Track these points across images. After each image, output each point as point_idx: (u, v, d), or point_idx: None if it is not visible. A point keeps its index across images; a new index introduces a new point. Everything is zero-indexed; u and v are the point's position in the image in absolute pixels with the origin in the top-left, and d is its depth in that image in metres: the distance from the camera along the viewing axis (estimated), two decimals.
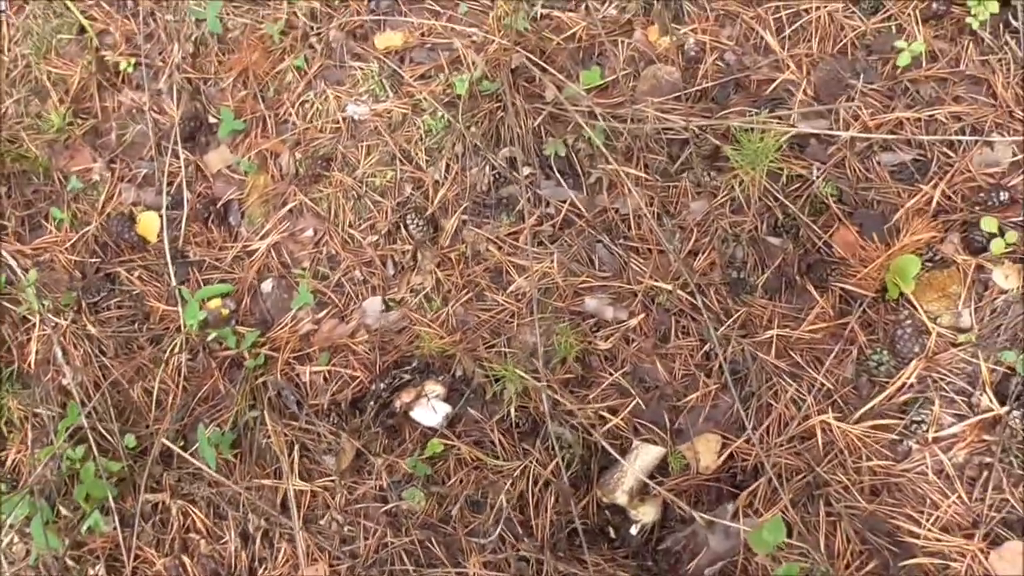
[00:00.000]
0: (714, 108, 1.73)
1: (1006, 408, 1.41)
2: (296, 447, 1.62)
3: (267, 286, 1.79)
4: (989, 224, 1.53)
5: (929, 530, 1.38)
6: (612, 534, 1.51)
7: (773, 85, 1.74)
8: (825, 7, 1.78)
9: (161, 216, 1.86)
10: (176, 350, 1.74)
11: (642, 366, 1.60)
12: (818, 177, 1.64)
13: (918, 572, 1.35)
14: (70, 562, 1.61)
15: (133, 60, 1.99)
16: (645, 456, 1.51)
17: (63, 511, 1.62)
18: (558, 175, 1.73)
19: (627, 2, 1.86)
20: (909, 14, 1.74)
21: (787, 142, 1.65)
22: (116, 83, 2.00)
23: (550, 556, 1.47)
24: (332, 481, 1.58)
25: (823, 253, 1.61)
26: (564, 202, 1.72)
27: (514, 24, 1.83)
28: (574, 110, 1.71)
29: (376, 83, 1.87)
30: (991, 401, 1.43)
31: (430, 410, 1.59)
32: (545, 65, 1.77)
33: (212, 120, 1.94)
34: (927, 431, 1.44)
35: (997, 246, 1.52)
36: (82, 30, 2.03)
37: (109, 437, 1.64)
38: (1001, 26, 1.70)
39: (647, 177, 1.70)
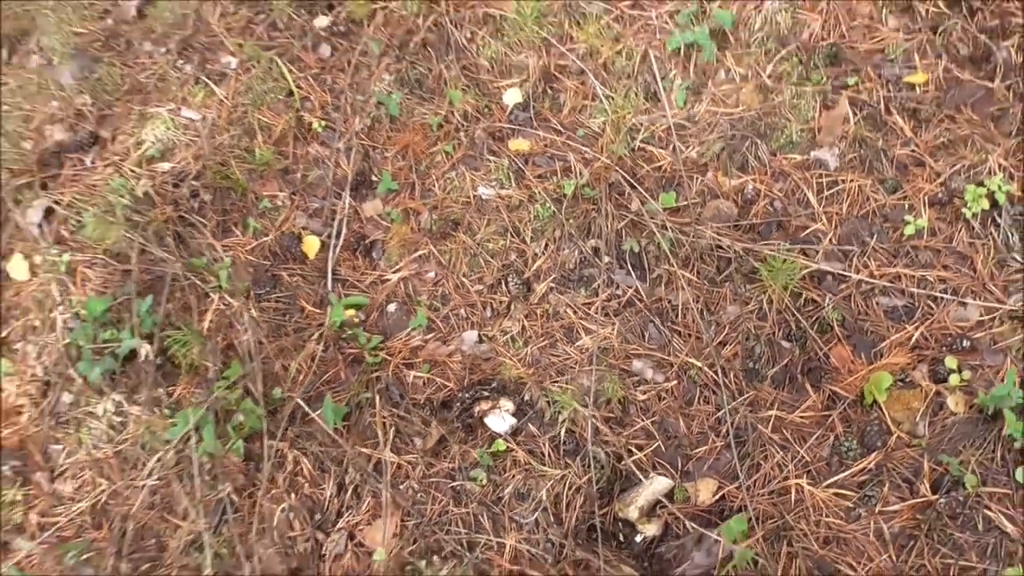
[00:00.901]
0: (757, 239, 2.25)
1: (936, 496, 1.84)
2: (393, 428, 2.11)
3: (392, 308, 2.32)
4: (951, 362, 2.00)
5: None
6: (621, 539, 1.94)
7: (807, 231, 2.26)
8: (857, 181, 2.32)
9: (323, 241, 2.43)
10: (314, 341, 2.26)
11: (668, 419, 2.07)
12: (828, 304, 2.13)
13: None
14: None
15: (324, 123, 2.61)
16: (657, 485, 1.96)
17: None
18: (629, 267, 2.25)
19: (705, 150, 2.42)
20: (919, 198, 2.26)
21: (809, 273, 2.16)
22: (308, 137, 2.61)
23: (572, 542, 1.91)
24: (416, 457, 2.06)
25: (821, 361, 2.08)
26: (630, 288, 2.23)
27: (617, 150, 2.40)
28: (651, 220, 2.25)
29: (504, 174, 2.45)
30: (927, 490, 1.86)
31: (500, 419, 2.07)
32: (635, 184, 2.33)
33: (374, 179, 2.53)
34: (875, 505, 1.87)
35: (954, 379, 1.98)
36: (290, 93, 2.66)
37: (254, 391, 2.15)
38: (989, 220, 2.21)
39: (697, 280, 2.21)
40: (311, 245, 2.43)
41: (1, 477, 2.15)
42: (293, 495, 2.07)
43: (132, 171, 2.54)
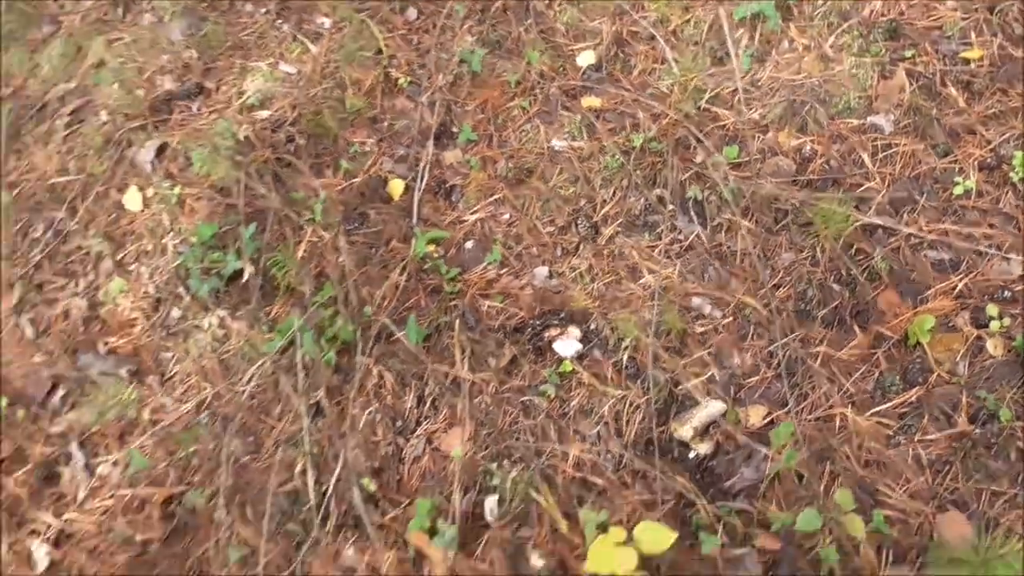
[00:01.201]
0: (813, 193, 2.41)
1: (972, 428, 1.99)
2: (468, 349, 2.31)
3: (469, 245, 2.52)
4: (992, 310, 2.14)
5: (899, 495, 1.95)
6: (675, 454, 2.12)
7: (860, 188, 2.41)
8: (910, 146, 2.46)
9: (407, 184, 2.64)
10: (398, 272, 2.47)
11: (723, 351, 2.24)
12: (877, 255, 2.28)
13: (885, 520, 1.91)
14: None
15: (409, 79, 2.82)
16: (711, 408, 2.14)
17: None
18: (691, 214, 2.43)
19: (767, 112, 2.59)
20: (969, 162, 2.40)
21: (860, 226, 2.31)
22: (394, 91, 2.83)
23: (631, 454, 2.10)
24: (489, 375, 2.26)
25: (869, 305, 2.24)
26: (692, 233, 2.41)
27: (684, 108, 2.58)
28: (714, 172, 2.42)
29: (576, 128, 2.64)
30: (964, 422, 2.01)
31: (567, 344, 2.26)
32: (701, 138, 2.50)
33: (454, 130, 2.74)
34: (914, 434, 2.03)
35: (995, 325, 2.12)
36: (379, 51, 2.88)
37: (345, 310, 2.37)
38: None
39: (755, 229, 2.38)
40: (396, 188, 2.64)
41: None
42: (377, 404, 2.28)
43: (234, 117, 2.78)
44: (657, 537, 1.74)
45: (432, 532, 2.06)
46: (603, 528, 1.87)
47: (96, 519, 2.18)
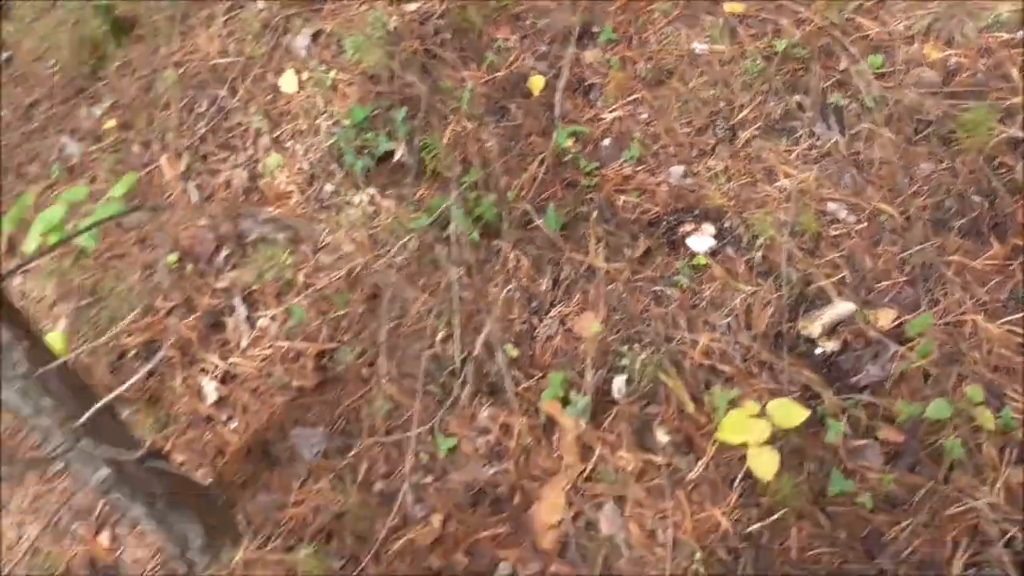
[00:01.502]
0: (957, 105, 2.40)
1: None
2: (603, 240, 2.41)
3: (606, 142, 2.61)
4: None
5: (1021, 399, 2.00)
6: (802, 350, 2.20)
7: (1007, 103, 2.40)
8: None
9: (547, 81, 2.72)
10: (536, 164, 2.58)
11: (856, 255, 2.29)
12: (1020, 169, 2.28)
13: (1013, 419, 1.97)
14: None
15: None
16: (841, 308, 2.20)
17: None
18: (832, 121, 2.46)
19: (913, 23, 2.57)
20: None
21: (1004, 140, 2.31)
22: None
23: (759, 345, 2.19)
24: (623, 265, 2.36)
25: (1008, 217, 2.25)
26: (830, 140, 2.44)
27: (829, 16, 2.58)
28: (857, 80, 2.44)
29: (717, 32, 2.67)
30: None
31: (701, 240, 2.35)
32: (846, 46, 2.51)
33: (595, 30, 2.80)
34: None
35: None
36: None
37: (487, 195, 2.49)
38: None
39: (895, 138, 2.39)
40: (536, 83, 2.73)
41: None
42: (514, 285, 2.42)
43: (384, 9, 2.89)
44: (790, 413, 1.83)
45: (565, 402, 2.20)
46: (733, 405, 1.98)
47: (257, 365, 2.40)
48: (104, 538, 2.20)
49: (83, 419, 1.63)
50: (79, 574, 2.15)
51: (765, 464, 1.79)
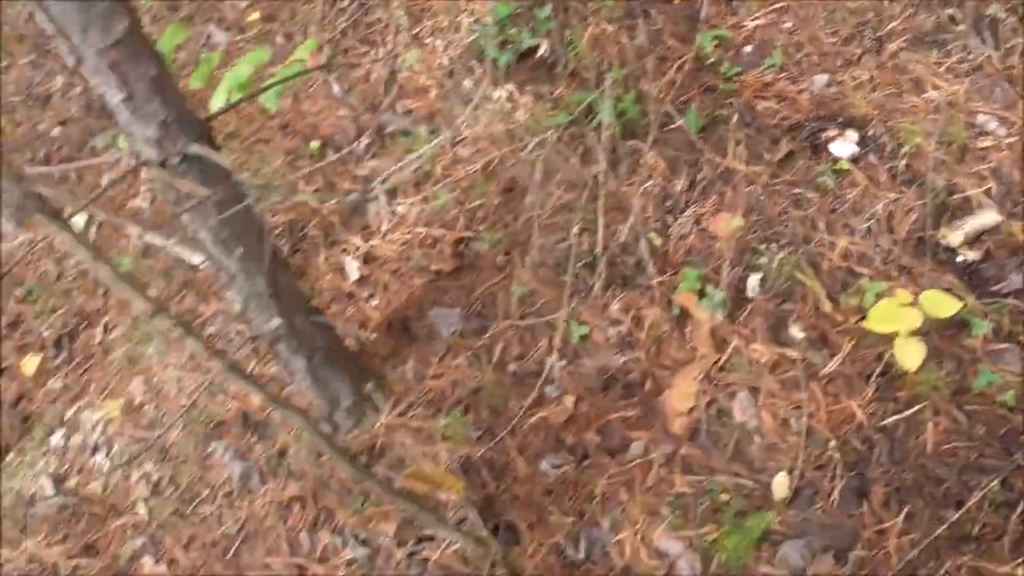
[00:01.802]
0: None
1: None
2: (742, 144, 2.42)
3: (748, 49, 2.60)
4: None
5: None
6: (943, 257, 2.20)
7: None
8: None
9: None
10: (675, 69, 2.59)
11: (1003, 168, 2.26)
12: None
13: None
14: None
15: None
16: (985, 218, 2.19)
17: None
18: (986, 35, 2.41)
19: None
20: None
21: None
22: None
23: (899, 249, 2.19)
24: (762, 168, 2.38)
25: None
26: (983, 54, 2.40)
27: None
28: None
29: None
30: None
31: (844, 146, 2.34)
32: None
33: None
34: None
35: None
36: None
37: (627, 95, 2.52)
38: None
39: None
40: None
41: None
42: (650, 184, 2.45)
43: None
44: (941, 304, 1.84)
45: (700, 295, 2.25)
46: (880, 297, 2.00)
47: (397, 248, 2.49)
48: (255, 397, 2.33)
49: (264, 268, 1.74)
50: (233, 427, 2.30)
51: (911, 354, 1.81)
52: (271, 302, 1.83)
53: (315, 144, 2.69)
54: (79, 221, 2.65)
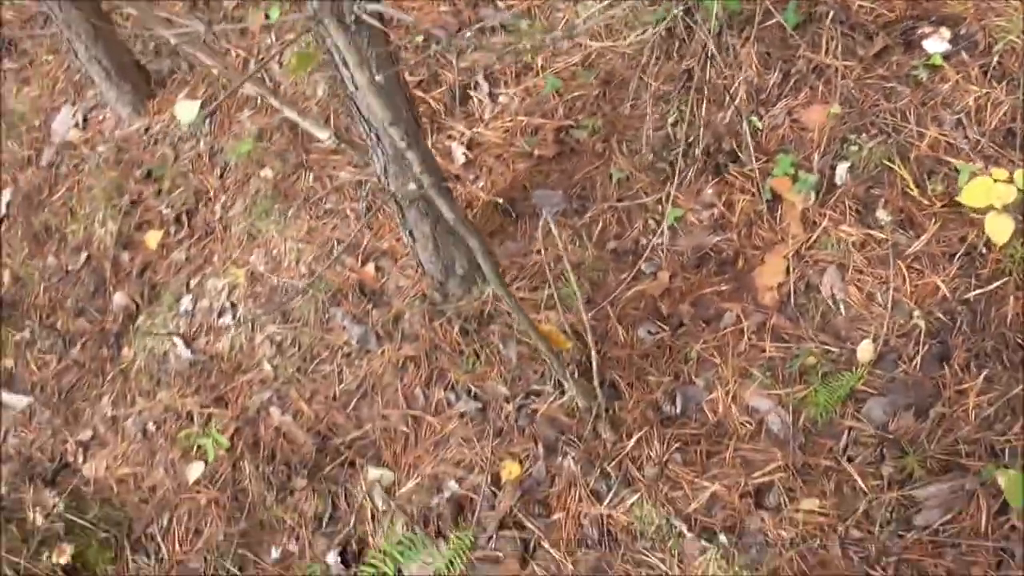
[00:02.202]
0: None
1: None
2: (836, 39, 2.52)
3: None
4: None
5: None
6: None
7: None
8: None
9: None
10: None
11: None
12: None
13: None
14: None
15: None
16: None
17: None
18: None
19: None
20: None
21: None
22: None
23: (987, 140, 2.30)
24: (854, 63, 2.48)
25: None
26: None
27: None
28: None
29: None
30: None
31: (937, 43, 2.43)
32: None
33: None
34: None
35: None
36: None
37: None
38: None
39: None
40: None
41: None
42: (742, 77, 2.56)
43: None
44: None
45: (793, 179, 2.38)
46: (974, 175, 2.12)
47: (499, 135, 2.64)
48: (370, 268, 2.53)
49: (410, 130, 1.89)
50: (351, 295, 2.49)
51: (1001, 228, 1.92)
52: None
53: (419, 37, 2.83)
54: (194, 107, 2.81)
